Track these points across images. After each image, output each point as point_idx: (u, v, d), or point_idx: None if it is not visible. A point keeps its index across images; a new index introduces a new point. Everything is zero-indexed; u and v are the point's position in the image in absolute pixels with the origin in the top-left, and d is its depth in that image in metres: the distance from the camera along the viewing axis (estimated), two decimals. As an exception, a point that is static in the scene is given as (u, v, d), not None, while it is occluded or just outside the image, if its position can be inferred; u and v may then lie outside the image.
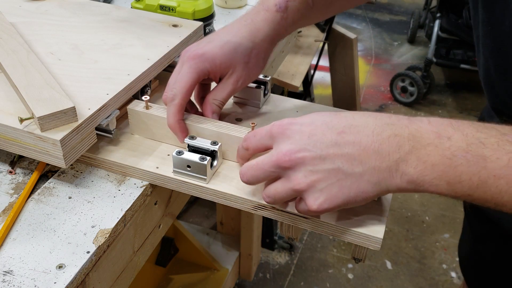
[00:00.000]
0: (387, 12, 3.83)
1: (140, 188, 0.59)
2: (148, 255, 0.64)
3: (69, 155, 0.55)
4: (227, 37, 0.60)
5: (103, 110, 0.59)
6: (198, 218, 1.88)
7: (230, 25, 0.63)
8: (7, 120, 0.56)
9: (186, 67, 0.59)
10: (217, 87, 0.62)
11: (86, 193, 0.58)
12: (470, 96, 2.81)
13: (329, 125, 0.46)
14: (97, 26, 0.76)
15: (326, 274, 1.75)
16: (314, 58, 1.90)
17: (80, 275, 0.49)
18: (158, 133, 0.63)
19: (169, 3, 0.85)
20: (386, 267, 1.77)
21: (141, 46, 0.71)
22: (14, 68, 0.62)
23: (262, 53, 0.63)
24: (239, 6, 1.06)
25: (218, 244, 1.53)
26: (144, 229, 0.61)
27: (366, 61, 3.15)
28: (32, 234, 0.52)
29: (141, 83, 0.66)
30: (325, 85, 2.69)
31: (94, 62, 0.67)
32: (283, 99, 0.73)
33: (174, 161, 0.57)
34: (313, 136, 0.46)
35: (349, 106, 2.18)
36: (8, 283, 0.47)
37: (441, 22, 2.56)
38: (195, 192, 0.58)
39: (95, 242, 0.51)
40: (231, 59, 0.60)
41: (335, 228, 0.53)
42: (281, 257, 1.81)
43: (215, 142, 0.58)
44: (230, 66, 0.60)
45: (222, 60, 0.59)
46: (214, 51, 0.59)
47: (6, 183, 0.59)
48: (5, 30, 0.71)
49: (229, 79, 0.61)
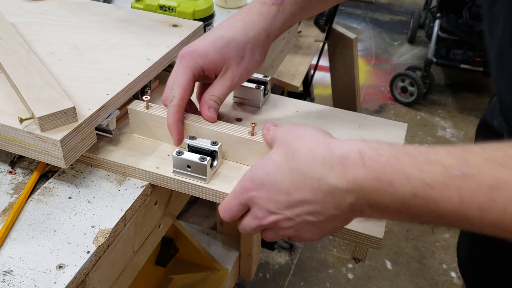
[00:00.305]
0: (387, 12, 3.83)
1: (140, 188, 0.59)
2: (148, 255, 0.64)
3: (69, 155, 0.55)
4: (220, 32, 0.60)
5: (103, 110, 0.59)
6: (198, 218, 1.88)
7: (225, 20, 0.62)
8: (7, 120, 0.56)
9: (180, 66, 0.59)
10: (214, 84, 0.61)
11: (86, 193, 0.58)
12: (470, 96, 2.81)
13: (275, 185, 0.47)
14: (97, 26, 0.76)
15: (326, 274, 1.75)
16: (314, 58, 1.90)
17: (80, 275, 0.49)
18: (158, 133, 0.63)
19: (169, 3, 0.85)
20: (386, 267, 1.77)
21: (141, 46, 0.71)
22: (14, 68, 0.62)
23: (259, 47, 0.61)
24: (239, 6, 1.06)
25: (218, 244, 1.53)
26: (144, 229, 0.61)
27: (366, 61, 3.15)
28: (32, 234, 0.52)
29: (141, 83, 0.66)
30: (325, 85, 2.68)
31: (94, 62, 0.67)
32: (283, 99, 0.73)
33: (174, 161, 0.57)
34: (271, 200, 0.47)
35: (349, 106, 2.18)
36: (8, 283, 0.47)
37: (441, 22, 2.56)
38: (195, 192, 0.58)
39: (95, 242, 0.51)
40: (224, 54, 0.59)
41: (335, 228, 0.53)
42: (281, 257, 1.81)
43: (215, 142, 0.58)
44: (224, 61, 0.59)
45: (214, 56, 0.59)
46: (206, 47, 0.59)
47: (6, 183, 0.59)
48: (5, 30, 0.71)
49: (225, 75, 0.60)
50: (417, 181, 0.39)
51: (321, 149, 0.45)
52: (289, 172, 0.46)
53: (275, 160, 0.47)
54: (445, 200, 0.38)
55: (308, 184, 0.44)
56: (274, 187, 0.46)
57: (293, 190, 0.45)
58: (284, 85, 1.68)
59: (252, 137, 0.58)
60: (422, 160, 0.39)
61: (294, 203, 0.46)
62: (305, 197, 0.45)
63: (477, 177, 0.37)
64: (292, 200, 0.46)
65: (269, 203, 0.47)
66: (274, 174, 0.47)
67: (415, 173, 0.39)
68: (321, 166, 0.44)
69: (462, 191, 0.37)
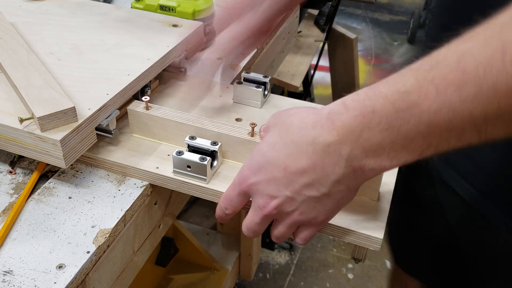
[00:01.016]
0: (387, 12, 3.83)
1: (140, 188, 0.59)
2: (148, 255, 0.64)
3: (69, 155, 0.55)
4: None
5: (103, 110, 0.59)
6: (198, 218, 1.88)
7: None
8: (7, 120, 0.56)
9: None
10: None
11: (86, 193, 0.58)
12: (470, 96, 2.81)
13: (272, 164, 0.46)
14: (97, 26, 0.76)
15: (326, 274, 1.75)
16: (314, 58, 1.90)
17: (80, 275, 0.49)
18: (158, 133, 0.63)
19: (169, 3, 0.85)
20: (386, 267, 1.77)
21: (141, 46, 0.71)
22: (14, 68, 0.62)
23: None
24: (239, 6, 1.06)
25: (218, 244, 1.52)
26: (144, 229, 0.61)
27: (366, 61, 3.15)
28: (32, 234, 0.52)
29: (141, 83, 0.66)
30: (325, 85, 2.68)
31: (94, 62, 0.67)
32: (283, 99, 0.73)
33: (174, 161, 0.57)
34: (270, 181, 0.47)
35: (349, 106, 2.17)
36: (8, 283, 0.47)
37: (441, 22, 2.56)
38: (195, 192, 0.58)
39: (95, 242, 0.51)
40: None
41: (335, 228, 0.53)
42: (281, 257, 1.81)
43: (215, 142, 0.58)
44: None
45: None
46: None
47: (6, 183, 0.59)
48: (5, 30, 0.71)
49: None
50: (393, 94, 0.40)
51: (311, 116, 0.45)
52: (284, 147, 0.46)
53: (269, 141, 0.47)
54: (424, 98, 0.38)
55: (303, 151, 0.44)
56: (272, 167, 0.46)
57: (290, 163, 0.45)
58: (284, 85, 1.68)
59: (252, 138, 0.58)
60: (394, 77, 0.41)
61: (293, 177, 0.45)
62: (302, 166, 0.44)
63: (443, 62, 0.38)
64: (290, 175, 0.45)
65: (268, 185, 0.47)
66: (269, 153, 0.46)
67: (390, 89, 0.40)
68: (312, 129, 0.44)
69: (435, 81, 0.38)
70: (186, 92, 0.74)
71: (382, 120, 0.40)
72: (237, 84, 0.70)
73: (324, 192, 0.45)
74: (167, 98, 0.72)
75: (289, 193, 0.46)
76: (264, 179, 0.47)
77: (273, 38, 0.99)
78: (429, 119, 0.38)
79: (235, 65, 0.80)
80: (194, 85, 0.75)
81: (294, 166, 0.45)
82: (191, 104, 0.71)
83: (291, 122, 0.46)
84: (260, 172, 0.47)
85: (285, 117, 0.48)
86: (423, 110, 0.38)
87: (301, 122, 0.45)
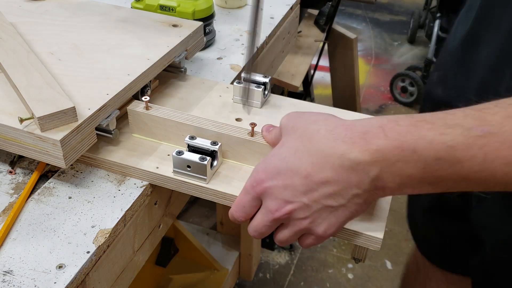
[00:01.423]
0: (387, 12, 3.83)
1: (140, 188, 0.59)
2: (148, 255, 0.64)
3: (69, 155, 0.55)
4: None
5: (103, 110, 0.59)
6: (198, 218, 1.88)
7: None
8: (7, 120, 0.55)
9: None
10: None
11: (86, 193, 0.58)
12: (470, 96, 2.81)
13: (293, 170, 0.46)
14: (97, 26, 0.76)
15: (326, 274, 1.75)
16: (314, 58, 1.90)
17: (80, 275, 0.49)
18: (158, 133, 0.63)
19: (169, 3, 0.85)
20: (386, 267, 1.77)
21: (141, 46, 0.71)
22: (14, 68, 0.62)
23: None
24: (239, 6, 1.06)
25: (218, 244, 1.52)
26: (144, 229, 0.61)
27: (366, 61, 3.15)
28: (32, 234, 0.52)
29: (141, 83, 0.66)
30: (325, 85, 2.68)
31: (94, 62, 0.67)
32: (283, 99, 0.73)
33: (174, 161, 0.57)
34: (288, 187, 0.46)
35: (349, 106, 2.17)
36: (8, 283, 0.47)
37: (441, 22, 2.56)
38: (195, 192, 0.58)
39: (95, 242, 0.51)
40: None
41: (335, 228, 0.53)
42: (281, 257, 1.81)
43: (215, 142, 0.58)
44: None
45: None
46: None
47: (6, 183, 0.59)
48: (5, 30, 0.71)
49: None
50: (439, 145, 0.40)
51: (341, 129, 0.45)
52: (307, 155, 0.45)
53: (290, 146, 0.47)
54: (469, 159, 0.39)
55: (329, 163, 0.44)
56: (291, 172, 0.46)
57: (313, 172, 0.44)
58: (284, 85, 1.68)
59: (252, 138, 0.58)
60: (441, 125, 0.40)
61: (313, 185, 0.45)
62: (326, 176, 0.44)
63: (498, 134, 0.38)
64: (311, 183, 0.45)
65: (285, 191, 0.46)
66: (290, 159, 0.46)
67: (436, 138, 0.40)
68: (343, 144, 0.43)
69: (485, 149, 0.38)
70: (186, 92, 0.74)
71: (420, 159, 0.41)
72: (237, 84, 0.70)
73: (342, 203, 0.45)
74: (167, 98, 0.72)
75: (306, 200, 0.46)
76: (281, 184, 0.46)
77: (273, 38, 0.99)
78: (468, 175, 0.40)
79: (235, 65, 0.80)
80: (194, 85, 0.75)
81: (318, 176, 0.45)
82: (191, 104, 0.71)
83: (316, 131, 0.46)
84: (279, 176, 0.46)
85: (307, 123, 0.47)
86: (464, 167, 0.39)
87: (329, 133, 0.45)
